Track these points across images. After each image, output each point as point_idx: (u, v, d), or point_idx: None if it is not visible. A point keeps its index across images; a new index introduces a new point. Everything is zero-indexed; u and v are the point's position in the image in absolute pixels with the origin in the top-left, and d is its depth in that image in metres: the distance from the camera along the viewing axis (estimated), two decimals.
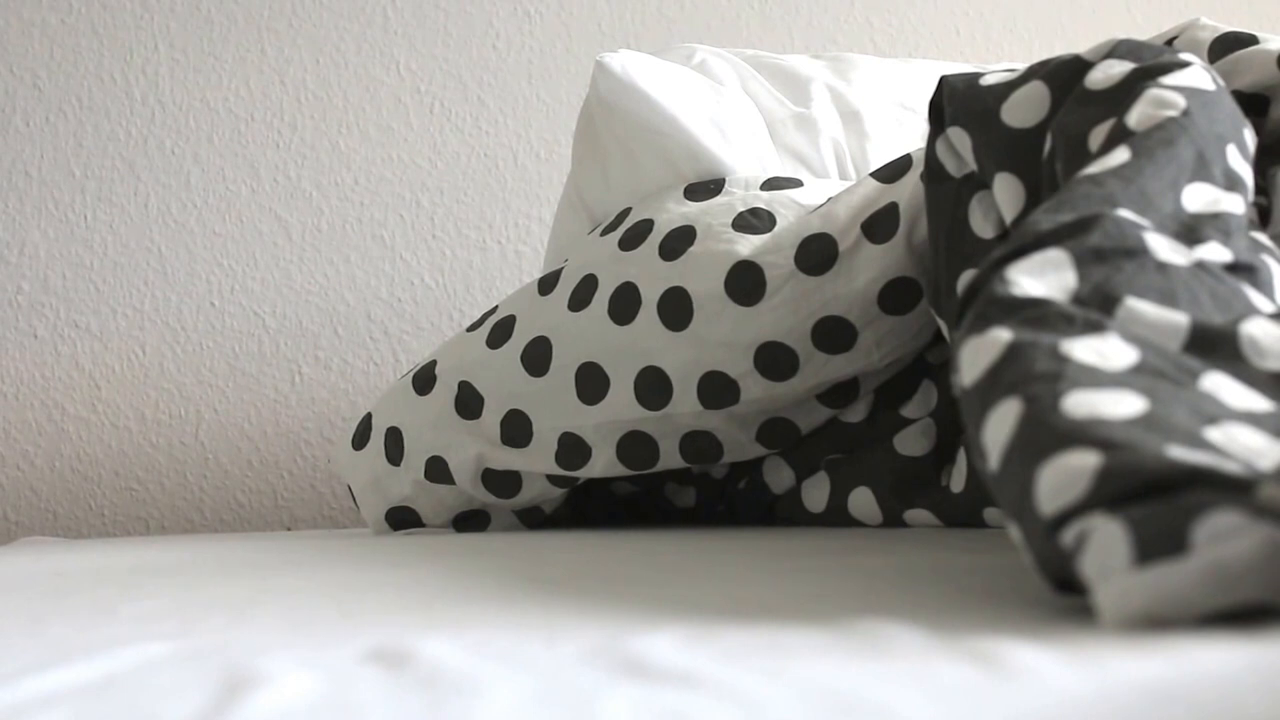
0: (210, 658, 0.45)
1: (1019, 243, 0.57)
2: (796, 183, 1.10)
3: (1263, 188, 0.77)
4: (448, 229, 1.69)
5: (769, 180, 1.09)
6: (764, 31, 1.80)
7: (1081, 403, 0.47)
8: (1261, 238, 0.65)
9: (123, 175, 1.64)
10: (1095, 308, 0.53)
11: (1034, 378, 0.49)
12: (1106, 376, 0.49)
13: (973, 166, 0.85)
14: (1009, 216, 0.79)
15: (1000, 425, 0.49)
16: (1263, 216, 0.75)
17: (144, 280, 1.63)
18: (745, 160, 1.14)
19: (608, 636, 0.46)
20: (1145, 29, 1.80)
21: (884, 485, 1.00)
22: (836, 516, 1.04)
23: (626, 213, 1.12)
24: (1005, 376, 0.50)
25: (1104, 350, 0.50)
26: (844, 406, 1.03)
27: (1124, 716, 0.33)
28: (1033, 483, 0.45)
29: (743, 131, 1.16)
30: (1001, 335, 0.52)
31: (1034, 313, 0.53)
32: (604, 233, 1.12)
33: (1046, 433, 0.46)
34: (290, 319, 1.65)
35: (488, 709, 0.36)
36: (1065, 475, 0.44)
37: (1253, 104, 0.80)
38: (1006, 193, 0.80)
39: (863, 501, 1.02)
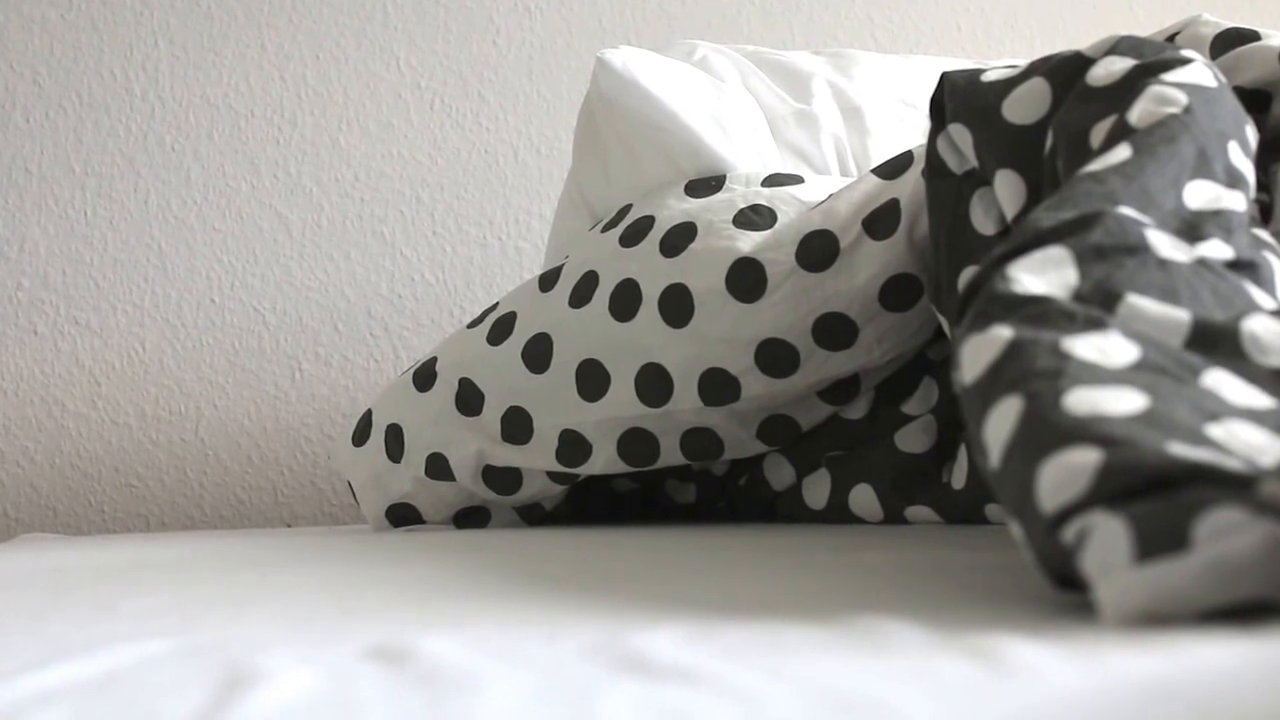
0: (210, 654, 0.45)
1: (1020, 240, 0.57)
2: (797, 179, 1.09)
3: (1264, 184, 0.77)
4: (448, 225, 1.69)
5: (770, 177, 1.09)
6: (765, 28, 1.80)
7: (1083, 399, 0.47)
8: (1263, 234, 0.65)
9: (122, 171, 1.64)
10: (1096, 305, 0.53)
11: (1035, 375, 0.49)
12: (1108, 373, 0.49)
13: (974, 163, 0.85)
14: (1010, 213, 0.79)
15: (1001, 422, 0.49)
16: (1264, 213, 0.75)
17: (144, 277, 1.63)
18: (746, 157, 1.13)
19: (608, 633, 0.46)
20: (1147, 25, 1.80)
21: (885, 482, 1.00)
22: (837, 513, 1.04)
23: (627, 209, 1.12)
24: (1006, 374, 0.50)
25: (1105, 347, 0.50)
26: (845, 403, 1.03)
27: (1124, 713, 0.33)
28: (1033, 480, 0.45)
29: (744, 128, 1.16)
30: (1002, 333, 0.52)
31: (1035, 310, 0.53)
32: (605, 229, 1.12)
33: (1047, 430, 0.46)
34: (290, 315, 1.65)
35: (488, 706, 0.36)
36: (1066, 472, 0.44)
37: (1254, 100, 0.80)
38: (1007, 189, 0.80)
39: (864, 498, 1.02)
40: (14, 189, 1.62)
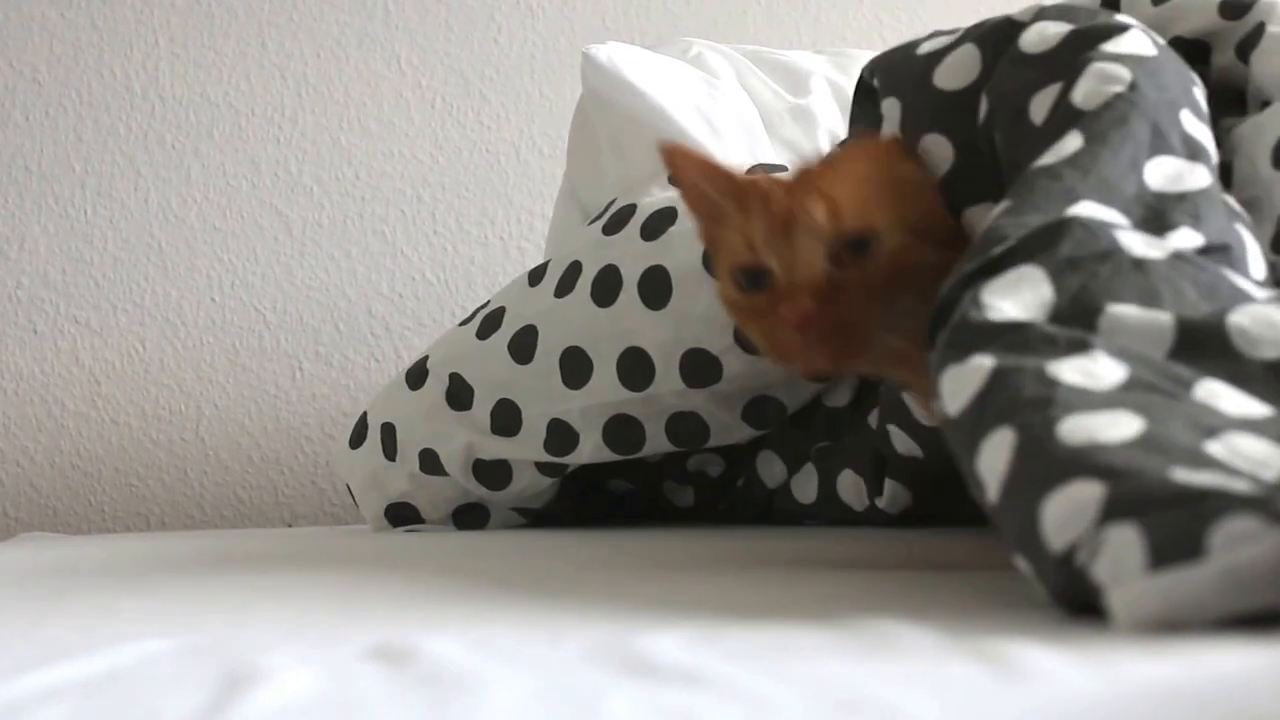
0: (210, 654, 0.45)
1: (986, 255, 0.56)
2: (782, 169, 1.09)
3: (1217, 139, 0.75)
4: (449, 224, 1.69)
5: (755, 166, 1.09)
6: (770, 28, 1.79)
7: (1077, 428, 0.46)
8: (1231, 202, 0.64)
9: (123, 170, 1.63)
10: (1076, 322, 0.52)
11: (1024, 404, 0.48)
12: (1098, 397, 0.48)
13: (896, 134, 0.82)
14: (937, 176, 0.78)
15: (995, 456, 0.48)
16: (1222, 173, 0.73)
17: (144, 275, 1.62)
18: (735, 152, 1.13)
19: (612, 635, 0.45)
20: None
21: (863, 461, 0.99)
22: (827, 505, 1.03)
23: (613, 203, 1.13)
24: (994, 404, 0.49)
25: (1092, 369, 0.49)
26: (828, 379, 1.02)
27: (1135, 718, 0.33)
28: (1037, 517, 0.44)
29: (733, 124, 1.16)
30: (984, 362, 0.51)
31: (1015, 338, 0.51)
32: (591, 223, 1.12)
33: (1045, 463, 0.45)
34: (291, 314, 1.64)
35: (490, 708, 0.36)
36: (1070, 508, 0.43)
37: (1194, 51, 0.79)
38: (934, 152, 0.76)
39: (849, 484, 1.01)
40: (14, 187, 1.62)
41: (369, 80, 1.69)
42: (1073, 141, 0.63)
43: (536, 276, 1.11)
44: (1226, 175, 0.72)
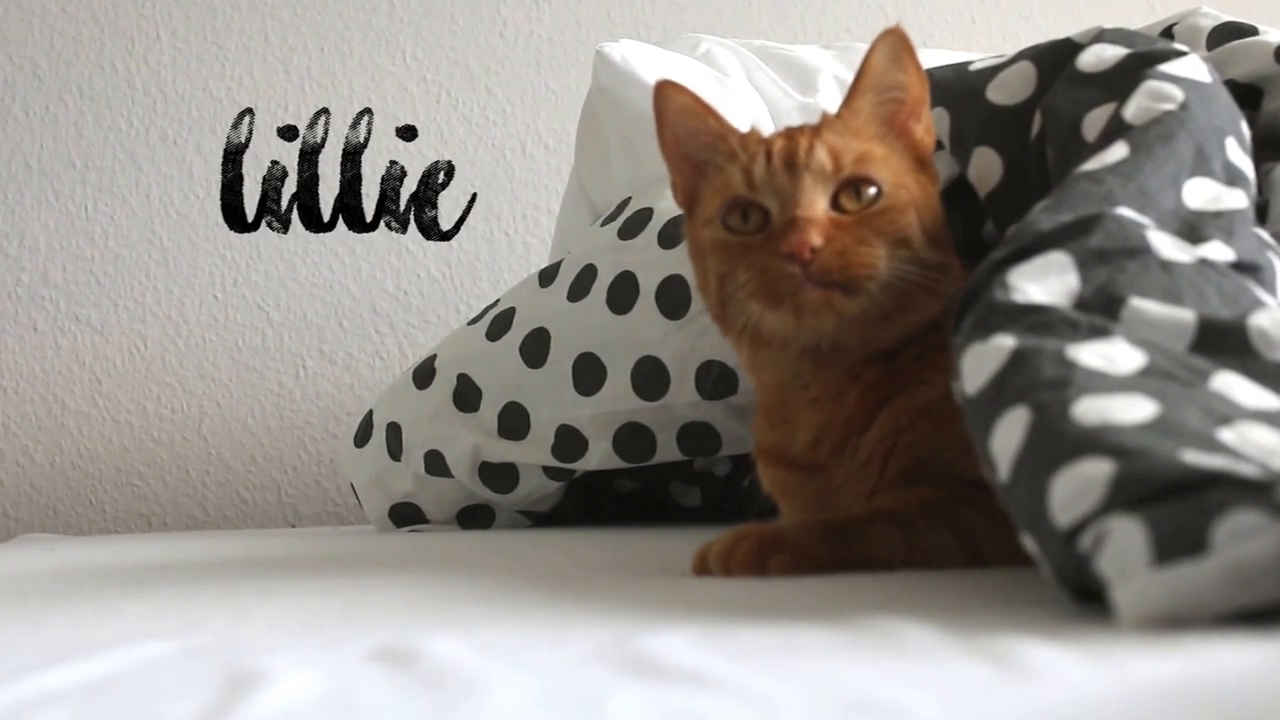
0: (213, 656, 0.45)
1: (1018, 244, 0.57)
2: None
3: (1258, 184, 0.76)
4: (454, 220, 1.69)
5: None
6: (776, 21, 1.79)
7: (1091, 409, 0.46)
8: (1264, 234, 0.64)
9: (124, 166, 1.63)
10: (1099, 310, 0.53)
11: (1041, 385, 0.48)
12: (1115, 381, 0.48)
13: (945, 146, 0.83)
14: (984, 190, 0.78)
15: (1009, 434, 0.48)
16: (1259, 213, 0.74)
17: (146, 273, 1.62)
18: None
19: (617, 635, 0.45)
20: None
21: None
22: None
23: (626, 202, 1.12)
24: (1011, 384, 0.50)
25: (1111, 354, 0.50)
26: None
27: (1140, 715, 0.33)
28: (1046, 493, 0.45)
29: (745, 122, 1.15)
30: (1005, 342, 0.51)
31: (1038, 319, 0.52)
32: (604, 223, 1.12)
33: (1057, 441, 0.46)
34: (294, 312, 1.64)
35: (495, 709, 0.36)
36: (1079, 485, 0.43)
37: (1246, 95, 0.80)
38: (984, 166, 0.78)
39: None
40: (14, 183, 1.61)
41: (373, 75, 1.69)
42: (1118, 151, 0.64)
43: (548, 277, 1.10)
44: (1263, 215, 0.73)
